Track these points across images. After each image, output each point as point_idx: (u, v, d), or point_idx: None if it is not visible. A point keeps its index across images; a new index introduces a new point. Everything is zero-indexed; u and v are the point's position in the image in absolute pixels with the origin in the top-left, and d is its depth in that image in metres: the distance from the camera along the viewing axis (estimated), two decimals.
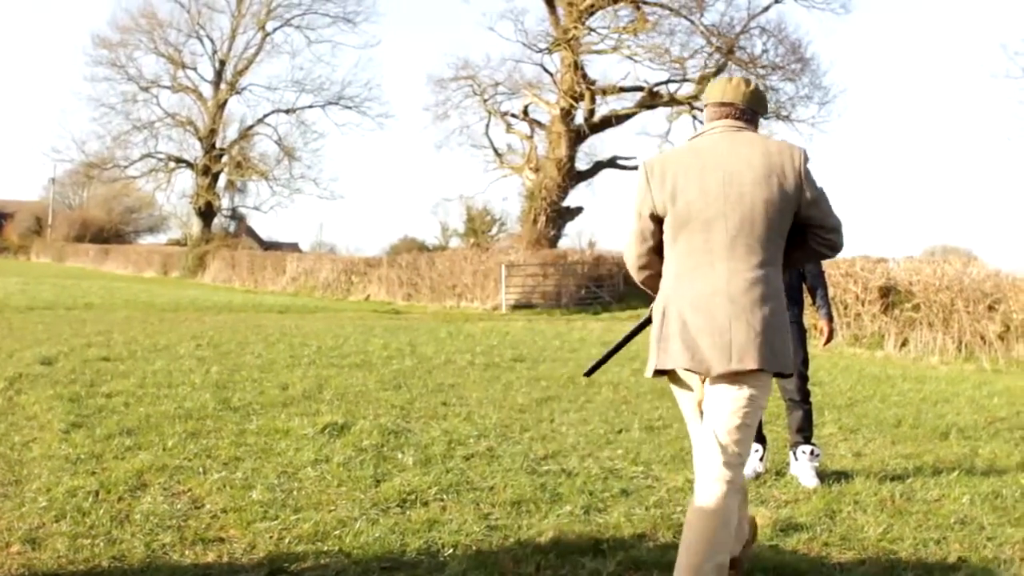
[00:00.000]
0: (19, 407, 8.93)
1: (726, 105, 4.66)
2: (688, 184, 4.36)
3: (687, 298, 4.35)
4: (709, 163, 4.39)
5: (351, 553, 5.07)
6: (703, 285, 4.31)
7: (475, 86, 44.95)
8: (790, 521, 5.95)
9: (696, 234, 4.34)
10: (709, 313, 4.28)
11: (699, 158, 4.44)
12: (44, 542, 5.06)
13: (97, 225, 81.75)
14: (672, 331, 4.42)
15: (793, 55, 39.84)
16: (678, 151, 4.68)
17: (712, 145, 4.49)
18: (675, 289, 4.41)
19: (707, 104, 4.81)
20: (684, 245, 4.39)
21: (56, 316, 20.13)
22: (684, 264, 4.39)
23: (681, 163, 4.46)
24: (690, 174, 4.38)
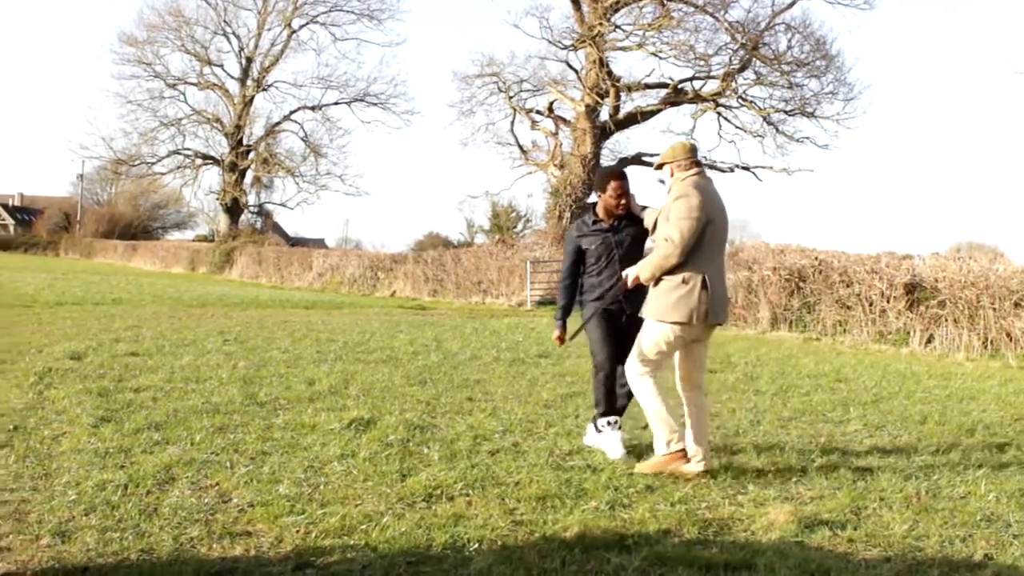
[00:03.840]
0: (49, 401, 9.00)
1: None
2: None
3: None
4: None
5: (377, 547, 5.09)
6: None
7: (500, 83, 44.94)
8: (815, 517, 5.95)
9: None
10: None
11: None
12: (74, 535, 5.10)
13: (125, 221, 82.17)
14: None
15: (818, 51, 39.63)
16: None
17: None
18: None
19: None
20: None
21: (85, 311, 20.23)
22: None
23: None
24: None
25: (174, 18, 62.59)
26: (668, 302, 7.02)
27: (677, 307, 6.97)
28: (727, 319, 7.50)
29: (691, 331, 7.10)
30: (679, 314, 6.96)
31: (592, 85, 39.87)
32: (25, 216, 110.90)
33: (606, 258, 7.92)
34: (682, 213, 6.97)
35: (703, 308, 6.95)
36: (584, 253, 8.11)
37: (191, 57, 63.77)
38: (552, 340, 8.58)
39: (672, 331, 7.07)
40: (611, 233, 7.97)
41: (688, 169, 7.23)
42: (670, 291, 7.02)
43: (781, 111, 40.82)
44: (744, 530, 5.73)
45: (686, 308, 6.94)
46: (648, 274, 7.16)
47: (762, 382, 12.37)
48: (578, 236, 8.16)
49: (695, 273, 6.97)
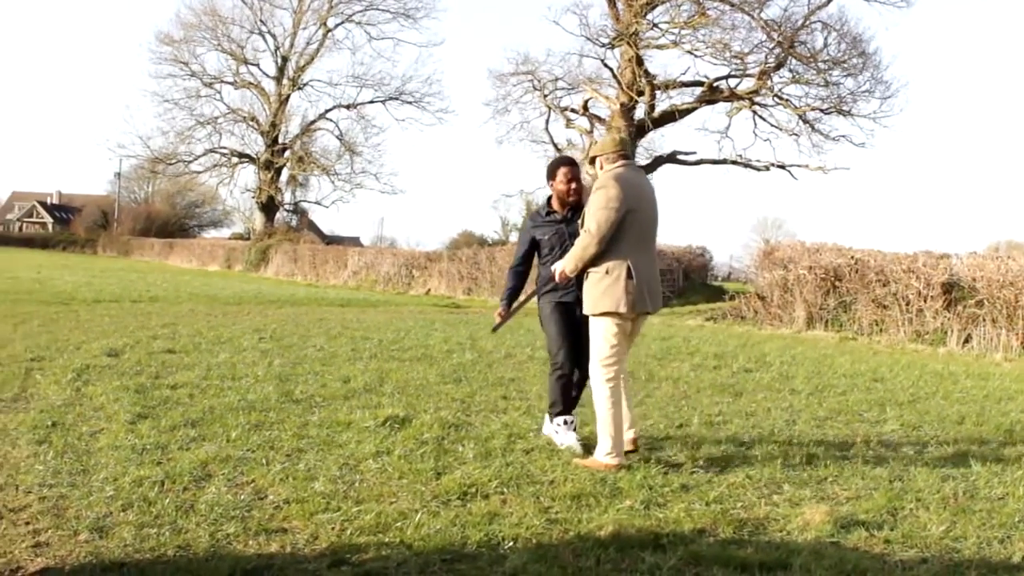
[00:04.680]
0: (87, 398, 9.06)
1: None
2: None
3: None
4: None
5: (412, 545, 5.10)
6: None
7: (535, 81, 44.86)
8: (851, 518, 5.91)
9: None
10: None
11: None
12: (111, 531, 5.13)
13: (162, 219, 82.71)
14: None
15: (854, 49, 39.33)
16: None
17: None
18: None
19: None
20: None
21: (122, 309, 20.37)
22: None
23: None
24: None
25: (210, 17, 62.93)
26: (596, 293, 7.25)
27: (604, 297, 7.18)
28: (657, 308, 7.62)
29: (624, 320, 7.30)
30: (607, 304, 7.17)
31: (628, 83, 39.76)
32: (63, 214, 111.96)
33: (559, 249, 8.01)
34: (600, 204, 7.17)
35: (630, 297, 7.14)
36: (538, 244, 8.24)
37: (227, 56, 64.11)
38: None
39: (610, 321, 7.25)
40: (564, 224, 8.11)
41: (615, 162, 7.43)
42: (597, 283, 7.25)
43: (817, 109, 40.56)
44: (779, 530, 5.71)
45: (612, 298, 7.15)
46: (571, 266, 7.36)
47: (797, 381, 12.33)
48: (532, 227, 8.33)
49: (619, 262, 7.17)
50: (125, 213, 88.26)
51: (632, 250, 7.23)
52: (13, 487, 5.96)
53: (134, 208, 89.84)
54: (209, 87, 64.62)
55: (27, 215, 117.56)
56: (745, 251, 69.26)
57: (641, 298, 7.21)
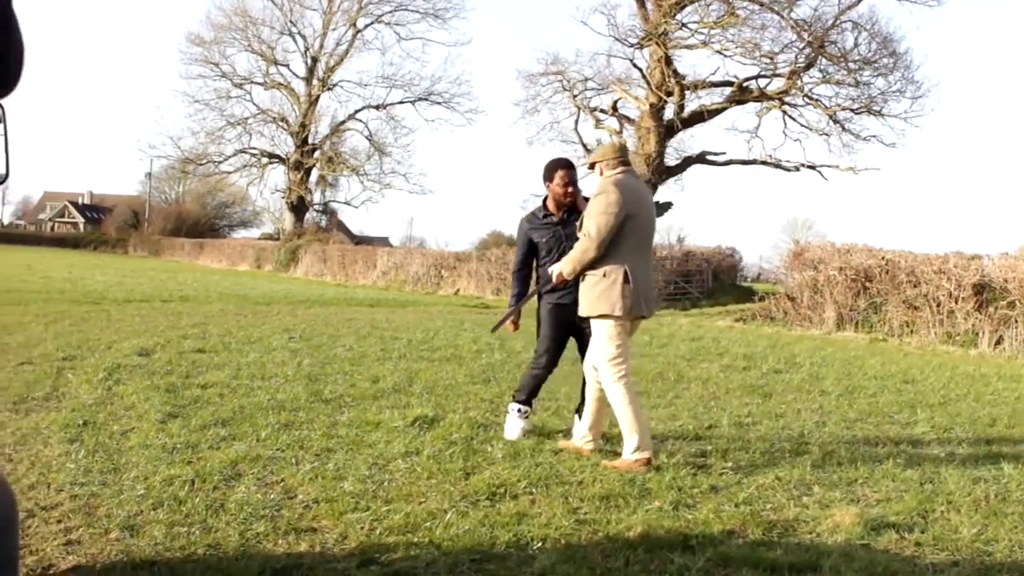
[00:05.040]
0: (117, 397, 9.10)
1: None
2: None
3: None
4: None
5: (441, 545, 5.10)
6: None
7: (564, 81, 44.85)
8: (881, 520, 5.89)
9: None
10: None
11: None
12: (142, 529, 5.15)
13: (192, 219, 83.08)
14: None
15: (885, 49, 39.12)
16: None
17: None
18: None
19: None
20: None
21: (153, 308, 20.46)
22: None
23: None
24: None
25: (241, 18, 63.19)
26: (593, 296, 7.36)
27: (601, 300, 7.29)
28: (651, 313, 7.72)
29: (621, 321, 7.34)
30: (604, 307, 7.27)
31: (657, 83, 39.69)
32: (95, 214, 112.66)
33: (556, 251, 8.15)
34: (600, 208, 7.29)
35: (627, 301, 7.23)
36: (536, 246, 8.36)
37: (257, 57, 64.37)
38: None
39: (611, 322, 7.33)
40: (560, 226, 8.24)
41: (615, 168, 7.53)
42: (594, 285, 7.36)
43: (847, 109, 40.38)
44: (809, 532, 5.69)
45: (608, 301, 7.25)
46: (569, 268, 7.50)
47: (827, 383, 12.28)
48: (530, 229, 8.42)
49: (616, 267, 7.27)
50: (156, 213, 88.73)
51: (630, 255, 7.37)
52: (45, 485, 6.00)
53: (165, 208, 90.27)
54: (239, 88, 64.94)
55: (59, 215, 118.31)
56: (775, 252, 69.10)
57: (637, 303, 7.32)
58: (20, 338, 13.35)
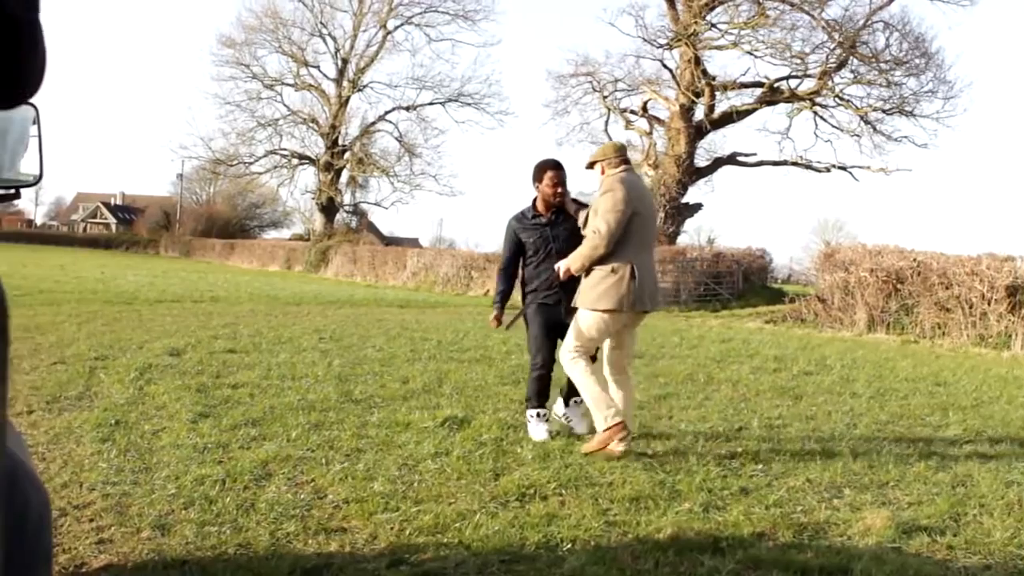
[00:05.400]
0: (149, 397, 9.15)
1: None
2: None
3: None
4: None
5: (471, 545, 5.10)
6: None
7: (594, 82, 44.91)
8: (913, 523, 5.85)
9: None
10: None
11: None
12: (173, 528, 5.18)
13: (223, 220, 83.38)
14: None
15: (917, 49, 38.95)
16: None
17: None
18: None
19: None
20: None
21: (184, 309, 20.56)
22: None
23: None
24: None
25: (271, 20, 63.47)
26: (598, 291, 7.52)
27: (607, 296, 7.46)
28: (656, 307, 8.08)
29: (620, 318, 7.60)
30: (608, 302, 7.46)
31: (687, 84, 39.65)
32: (126, 215, 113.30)
33: (543, 251, 8.32)
34: (608, 206, 7.50)
35: (632, 297, 7.46)
36: (523, 245, 8.46)
37: (288, 58, 64.68)
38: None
39: (602, 319, 7.56)
40: (548, 227, 8.36)
41: (617, 167, 7.77)
42: (600, 281, 7.53)
43: (879, 110, 40.25)
44: (840, 535, 5.66)
45: (615, 296, 7.44)
46: (578, 265, 7.67)
47: (858, 385, 12.22)
48: (518, 229, 8.52)
49: (623, 263, 7.48)
50: (187, 214, 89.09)
51: (635, 251, 7.60)
52: (77, 484, 6.03)
53: (196, 209, 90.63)
54: (270, 89, 65.25)
55: (91, 216, 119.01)
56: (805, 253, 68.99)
57: (641, 298, 7.56)
58: (53, 338, 13.44)
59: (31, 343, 12.62)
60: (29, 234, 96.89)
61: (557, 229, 8.28)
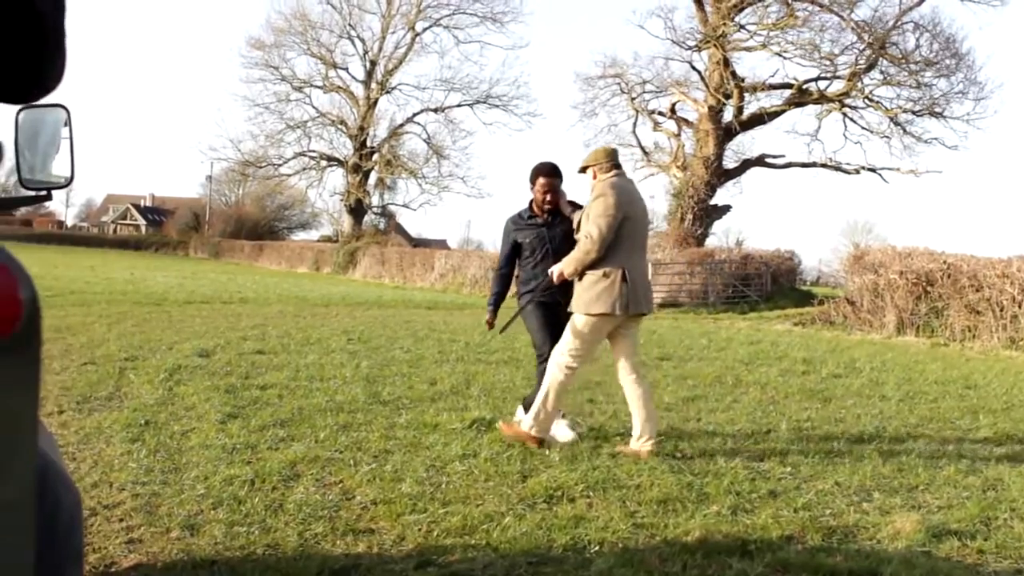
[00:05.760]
0: (178, 397, 9.19)
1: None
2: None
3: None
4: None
5: (498, 547, 5.10)
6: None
7: (623, 84, 44.90)
8: (943, 527, 5.81)
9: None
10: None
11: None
12: (202, 528, 5.20)
13: (252, 221, 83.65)
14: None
15: (947, 50, 38.77)
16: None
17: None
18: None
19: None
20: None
21: (213, 310, 20.64)
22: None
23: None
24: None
25: (300, 22, 63.77)
26: (591, 295, 7.62)
27: (599, 299, 7.57)
28: (651, 310, 8.10)
29: (613, 321, 7.69)
30: (601, 306, 7.57)
31: (716, 86, 39.58)
32: (156, 216, 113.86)
33: (540, 252, 8.39)
34: (600, 211, 7.59)
35: (624, 300, 7.55)
36: (520, 246, 8.54)
37: (316, 60, 64.98)
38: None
39: (596, 322, 7.65)
40: (545, 228, 8.43)
41: (608, 171, 7.87)
42: (593, 285, 7.63)
43: (909, 111, 40.08)
44: (869, 538, 5.63)
45: (608, 300, 7.55)
46: (571, 269, 7.74)
47: (888, 388, 12.16)
48: (515, 230, 8.60)
49: (615, 267, 7.58)
50: (216, 215, 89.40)
51: (627, 255, 7.69)
52: (107, 484, 6.07)
53: (225, 210, 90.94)
54: (299, 91, 65.52)
55: (121, 217, 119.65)
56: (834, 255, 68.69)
57: (635, 300, 7.65)
58: (83, 338, 13.51)
59: (62, 343, 12.69)
60: (60, 235, 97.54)
61: (554, 230, 8.36)
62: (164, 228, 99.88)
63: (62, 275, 30.81)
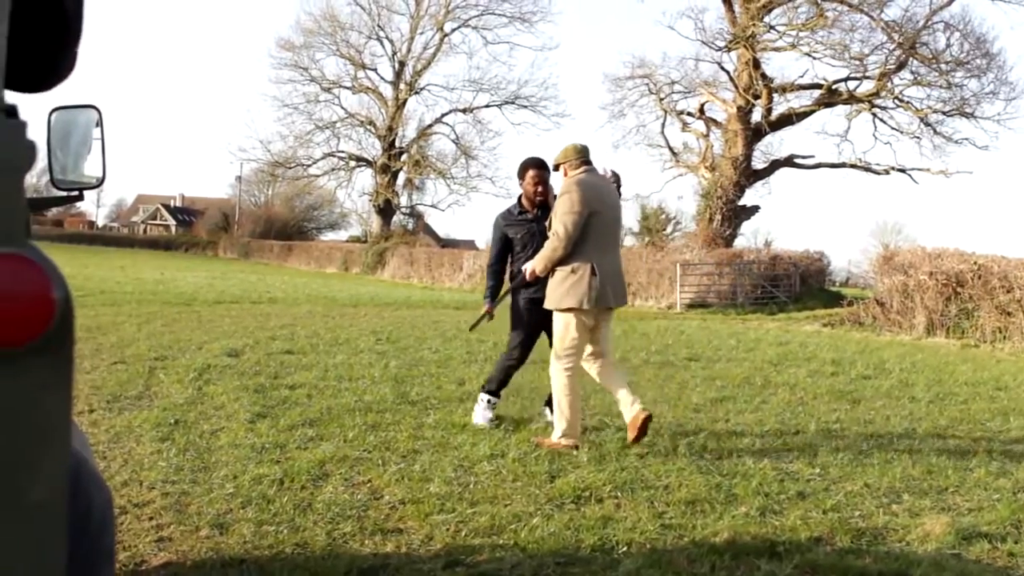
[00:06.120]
0: (208, 397, 9.23)
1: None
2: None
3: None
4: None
5: (526, 547, 5.11)
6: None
7: (651, 85, 44.82)
8: (973, 529, 5.78)
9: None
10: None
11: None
12: (231, 527, 5.23)
13: (281, 222, 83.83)
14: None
15: (978, 50, 38.52)
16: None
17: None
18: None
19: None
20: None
21: (242, 310, 20.71)
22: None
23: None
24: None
25: (329, 23, 63.88)
26: (562, 291, 7.77)
27: (569, 294, 7.70)
28: (622, 303, 8.17)
29: (587, 315, 7.79)
30: (572, 300, 7.70)
31: (745, 86, 39.46)
32: (186, 217, 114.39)
33: (531, 246, 8.54)
34: (565, 208, 7.71)
35: (593, 294, 7.66)
36: (511, 242, 8.73)
37: (346, 61, 65.06)
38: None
39: (572, 317, 7.77)
40: (535, 223, 8.61)
41: (577, 168, 7.98)
42: (563, 281, 7.77)
43: (939, 112, 39.84)
44: (899, 540, 5.60)
45: (577, 295, 7.67)
46: (541, 267, 7.90)
47: (917, 389, 12.10)
48: (505, 225, 8.80)
49: (584, 263, 7.69)
50: (245, 216, 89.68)
51: (595, 250, 7.80)
52: (137, 483, 6.10)
53: (254, 211, 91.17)
54: (328, 92, 65.59)
55: (151, 217, 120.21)
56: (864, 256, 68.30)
57: (604, 294, 7.76)
58: (114, 338, 13.60)
59: (92, 343, 12.77)
60: (91, 235, 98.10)
61: (543, 224, 8.43)
62: (194, 228, 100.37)
63: (93, 275, 30.99)
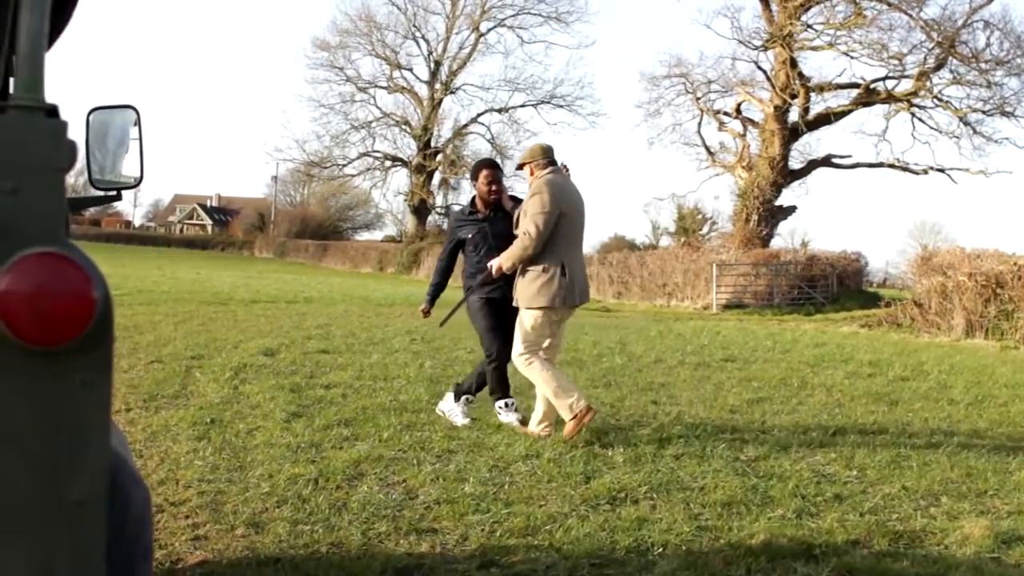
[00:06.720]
0: (244, 396, 9.27)
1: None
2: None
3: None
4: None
5: (561, 548, 5.09)
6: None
7: (687, 84, 44.75)
8: (1013, 533, 5.72)
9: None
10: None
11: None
12: (266, 526, 5.24)
13: (316, 222, 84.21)
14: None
15: (1018, 49, 38.20)
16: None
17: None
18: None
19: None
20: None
21: (278, 309, 20.80)
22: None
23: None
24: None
25: (366, 23, 64.17)
26: (532, 290, 7.91)
27: (540, 294, 7.88)
28: (586, 301, 8.44)
29: (556, 313, 8.05)
30: (542, 299, 7.88)
31: (782, 86, 39.31)
32: (222, 216, 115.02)
33: (483, 246, 8.65)
34: (536, 209, 7.86)
35: (563, 293, 7.89)
36: (463, 242, 8.82)
37: (381, 61, 65.31)
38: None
39: (540, 315, 7.95)
40: (487, 223, 8.68)
41: (544, 168, 8.12)
42: (533, 280, 7.92)
43: (979, 111, 39.56)
44: (937, 544, 5.55)
45: (548, 294, 7.86)
46: (508, 264, 8.04)
47: (956, 391, 11.99)
48: (458, 226, 8.94)
49: (554, 263, 7.88)
50: (281, 215, 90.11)
51: (564, 250, 8.01)
52: (173, 482, 6.13)
53: (290, 211, 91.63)
54: (363, 92, 65.86)
55: (188, 217, 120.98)
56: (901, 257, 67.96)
57: (571, 294, 7.98)
58: (151, 337, 13.68)
59: (130, 342, 12.84)
60: (128, 235, 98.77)
61: (496, 226, 8.59)
62: (230, 228, 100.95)
63: (130, 274, 31.18)
